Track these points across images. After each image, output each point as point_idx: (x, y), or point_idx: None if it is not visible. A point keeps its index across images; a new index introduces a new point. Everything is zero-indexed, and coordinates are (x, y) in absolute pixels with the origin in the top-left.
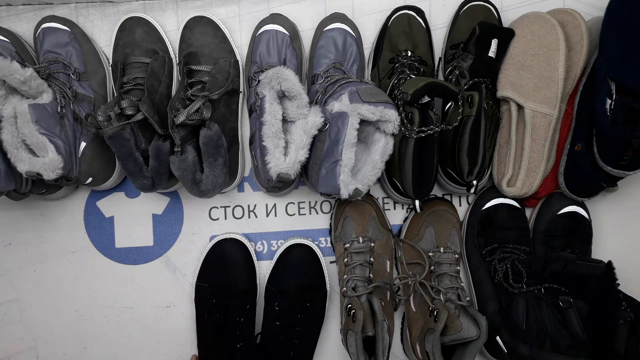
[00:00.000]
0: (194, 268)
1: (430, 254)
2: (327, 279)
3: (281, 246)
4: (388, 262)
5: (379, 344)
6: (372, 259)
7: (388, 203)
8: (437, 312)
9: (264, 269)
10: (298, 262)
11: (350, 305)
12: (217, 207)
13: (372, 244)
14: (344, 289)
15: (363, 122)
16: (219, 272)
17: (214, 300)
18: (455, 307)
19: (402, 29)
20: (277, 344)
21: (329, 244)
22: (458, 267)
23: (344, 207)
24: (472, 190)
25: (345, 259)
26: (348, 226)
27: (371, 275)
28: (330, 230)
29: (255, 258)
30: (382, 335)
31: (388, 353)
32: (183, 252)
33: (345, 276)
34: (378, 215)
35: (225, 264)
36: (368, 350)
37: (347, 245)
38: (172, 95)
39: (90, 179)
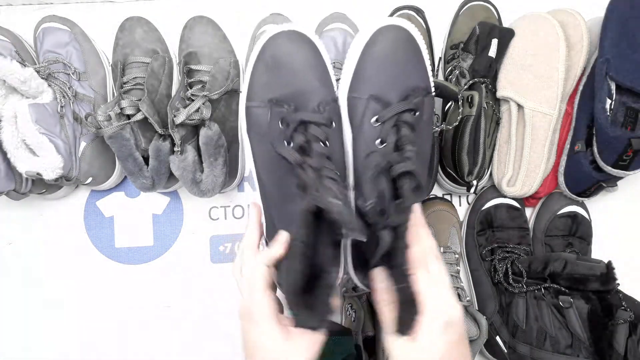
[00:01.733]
0: (195, 267)
1: None
2: (430, 76)
3: (366, 30)
4: None
5: (379, 344)
6: None
7: None
8: None
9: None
10: (391, 54)
11: (350, 305)
12: (217, 207)
13: None
14: (344, 288)
15: None
16: (281, 82)
17: (284, 120)
18: None
19: None
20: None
21: None
22: (458, 267)
23: None
24: (472, 190)
25: None
26: None
27: None
28: None
29: (328, 58)
30: (382, 336)
31: None
32: (183, 252)
33: (345, 276)
34: None
35: (288, 70)
36: (368, 350)
37: None
38: (172, 95)
39: (90, 179)
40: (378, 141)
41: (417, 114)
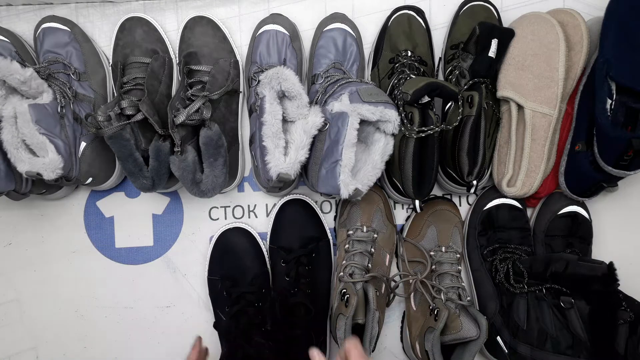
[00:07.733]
0: (195, 268)
1: (432, 253)
2: (327, 228)
3: (275, 205)
4: (388, 256)
5: (368, 333)
6: (372, 250)
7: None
8: (437, 311)
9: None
10: (295, 216)
11: (344, 290)
12: (217, 207)
13: (375, 235)
14: (341, 274)
15: (363, 122)
16: (228, 263)
17: (228, 291)
18: (456, 307)
19: (402, 29)
20: (291, 299)
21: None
22: (459, 267)
23: None
24: (472, 191)
25: (347, 245)
26: (354, 214)
27: (369, 265)
28: (335, 217)
29: (262, 243)
30: (372, 325)
31: (375, 344)
32: (183, 252)
33: (344, 262)
34: (385, 208)
35: (233, 254)
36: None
37: (351, 232)
38: (172, 95)
39: (90, 179)
40: (287, 279)
41: (314, 255)
